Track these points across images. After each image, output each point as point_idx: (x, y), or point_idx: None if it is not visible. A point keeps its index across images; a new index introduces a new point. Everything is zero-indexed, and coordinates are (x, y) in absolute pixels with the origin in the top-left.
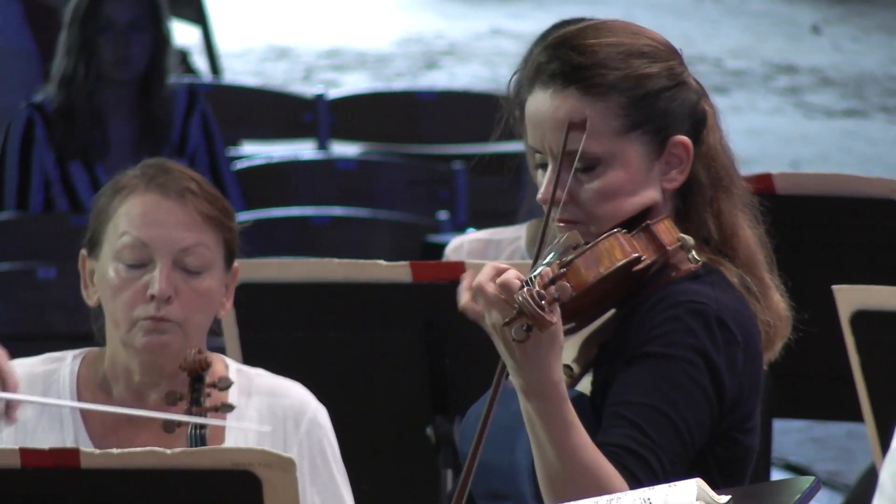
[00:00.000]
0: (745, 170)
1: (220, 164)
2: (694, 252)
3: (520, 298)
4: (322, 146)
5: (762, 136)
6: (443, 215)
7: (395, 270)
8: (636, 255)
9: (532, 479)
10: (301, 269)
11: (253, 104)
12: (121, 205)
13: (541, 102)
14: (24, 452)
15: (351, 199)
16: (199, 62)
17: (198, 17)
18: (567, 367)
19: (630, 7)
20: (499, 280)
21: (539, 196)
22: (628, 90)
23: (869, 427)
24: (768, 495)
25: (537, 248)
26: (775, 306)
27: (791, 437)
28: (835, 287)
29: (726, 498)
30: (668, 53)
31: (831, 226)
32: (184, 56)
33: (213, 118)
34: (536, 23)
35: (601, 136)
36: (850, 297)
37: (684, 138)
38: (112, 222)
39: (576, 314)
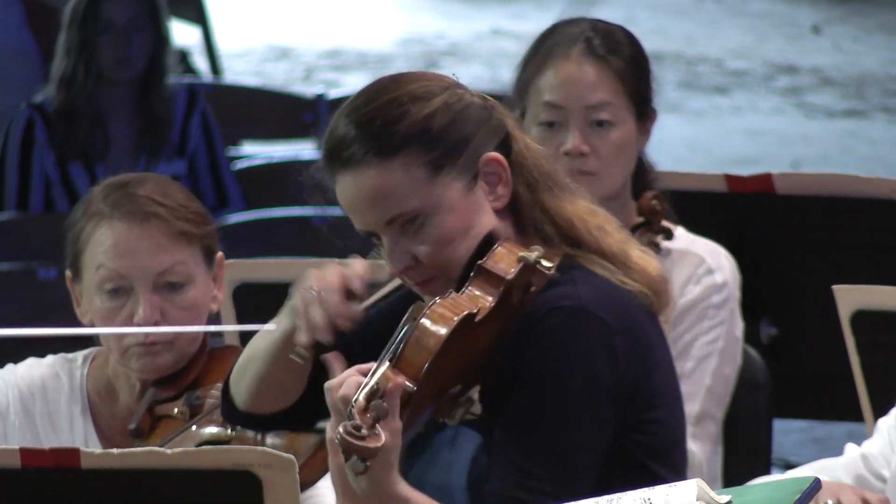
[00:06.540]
0: (746, 170)
1: (221, 164)
2: (543, 261)
3: (338, 438)
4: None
5: (763, 136)
6: None
7: None
8: (464, 313)
9: (468, 496)
10: (301, 269)
11: (253, 104)
12: (93, 233)
13: (346, 188)
14: (25, 452)
15: None
16: (199, 62)
17: (198, 17)
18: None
19: (630, 8)
20: (337, 395)
21: (390, 272)
22: (417, 137)
23: (869, 427)
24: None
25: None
26: (641, 266)
27: (791, 437)
28: (835, 287)
29: (727, 498)
30: (442, 85)
31: (831, 226)
32: (184, 56)
33: (213, 118)
34: (537, 23)
35: (412, 190)
36: (850, 297)
37: (493, 154)
38: (88, 252)
39: (439, 390)
